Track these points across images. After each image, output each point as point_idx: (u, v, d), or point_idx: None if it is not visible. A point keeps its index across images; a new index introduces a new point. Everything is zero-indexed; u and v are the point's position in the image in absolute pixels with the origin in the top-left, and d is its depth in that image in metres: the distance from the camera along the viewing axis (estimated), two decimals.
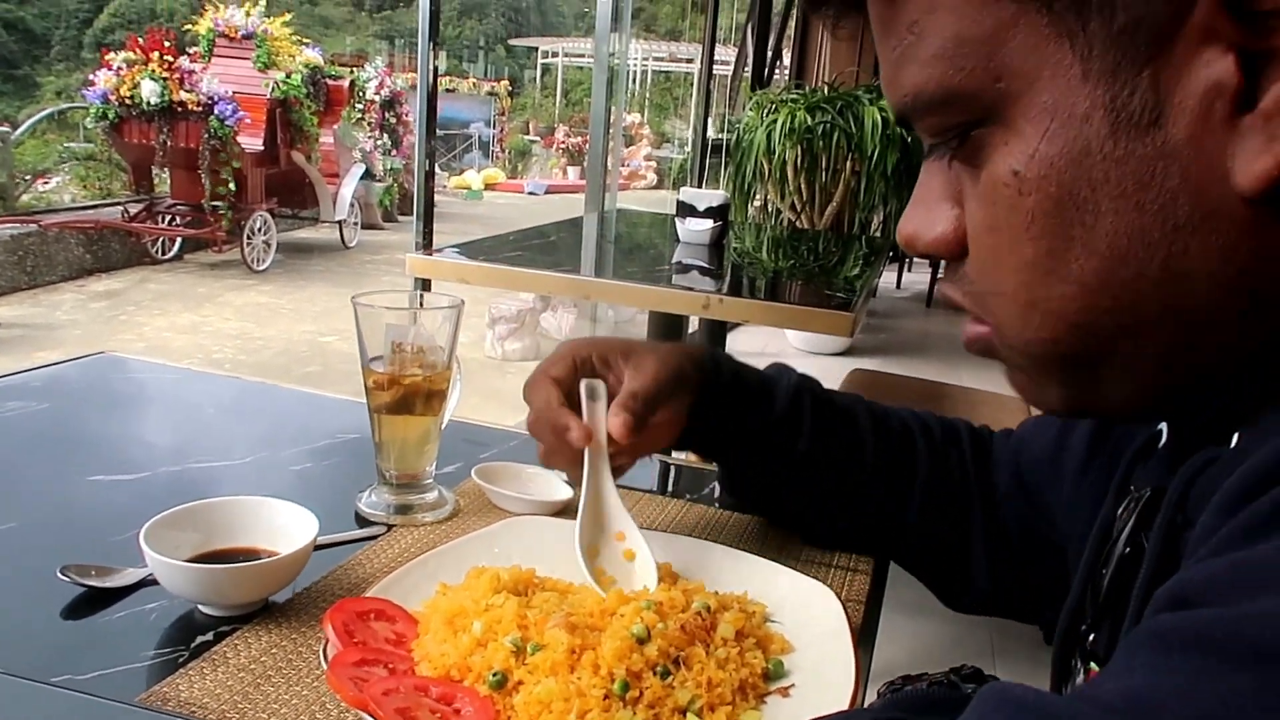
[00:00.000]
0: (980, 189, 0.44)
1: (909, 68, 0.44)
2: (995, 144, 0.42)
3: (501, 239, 2.67)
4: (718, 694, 0.59)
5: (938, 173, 0.47)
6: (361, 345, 0.87)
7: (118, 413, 1.13)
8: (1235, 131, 0.37)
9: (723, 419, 0.83)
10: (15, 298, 7.07)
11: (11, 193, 8.24)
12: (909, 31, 0.44)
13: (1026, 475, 0.79)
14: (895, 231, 1.66)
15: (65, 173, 9.38)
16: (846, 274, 2.69)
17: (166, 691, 0.60)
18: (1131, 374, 0.44)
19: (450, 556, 0.75)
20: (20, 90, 23.93)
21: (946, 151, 0.46)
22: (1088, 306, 0.42)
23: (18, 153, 8.59)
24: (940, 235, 0.47)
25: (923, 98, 0.44)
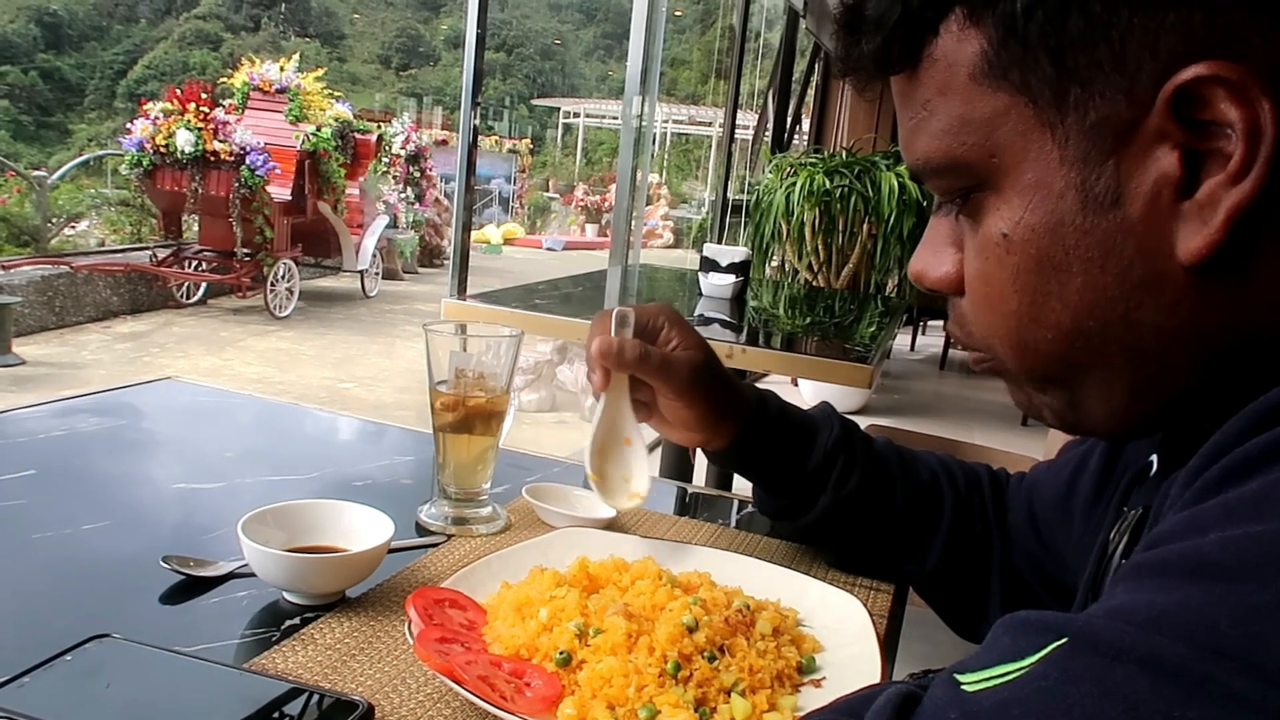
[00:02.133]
0: (976, 243, 0.53)
1: (921, 137, 0.54)
2: (989, 207, 0.52)
3: (529, 289, 2.77)
4: (758, 679, 0.66)
5: (945, 221, 0.57)
6: (430, 369, 0.95)
7: (188, 430, 1.21)
8: (1177, 215, 0.46)
9: (761, 455, 0.90)
10: (43, 337, 7.22)
11: (44, 235, 8.45)
12: (923, 108, 0.53)
13: (1039, 517, 0.86)
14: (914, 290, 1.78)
15: (96, 217, 9.61)
16: (863, 331, 2.78)
17: (264, 663, 0.68)
18: (1107, 398, 0.52)
19: (511, 559, 0.83)
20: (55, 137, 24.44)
21: (953, 207, 0.56)
22: (1065, 346, 0.51)
23: (52, 197, 8.83)
24: (944, 274, 0.57)
25: (931, 163, 0.54)
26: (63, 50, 32.05)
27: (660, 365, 0.85)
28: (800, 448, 0.90)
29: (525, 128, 26.29)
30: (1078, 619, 0.36)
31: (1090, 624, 0.35)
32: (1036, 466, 0.90)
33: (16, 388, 5.77)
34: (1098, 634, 0.34)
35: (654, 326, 0.88)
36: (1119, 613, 0.35)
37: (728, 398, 0.88)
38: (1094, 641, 0.34)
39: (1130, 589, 0.36)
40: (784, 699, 0.66)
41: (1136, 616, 0.34)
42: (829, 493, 0.89)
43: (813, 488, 0.89)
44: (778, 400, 0.92)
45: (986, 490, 0.91)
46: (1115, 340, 0.49)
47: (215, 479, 1.02)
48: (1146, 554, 0.38)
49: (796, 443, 0.90)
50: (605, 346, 0.84)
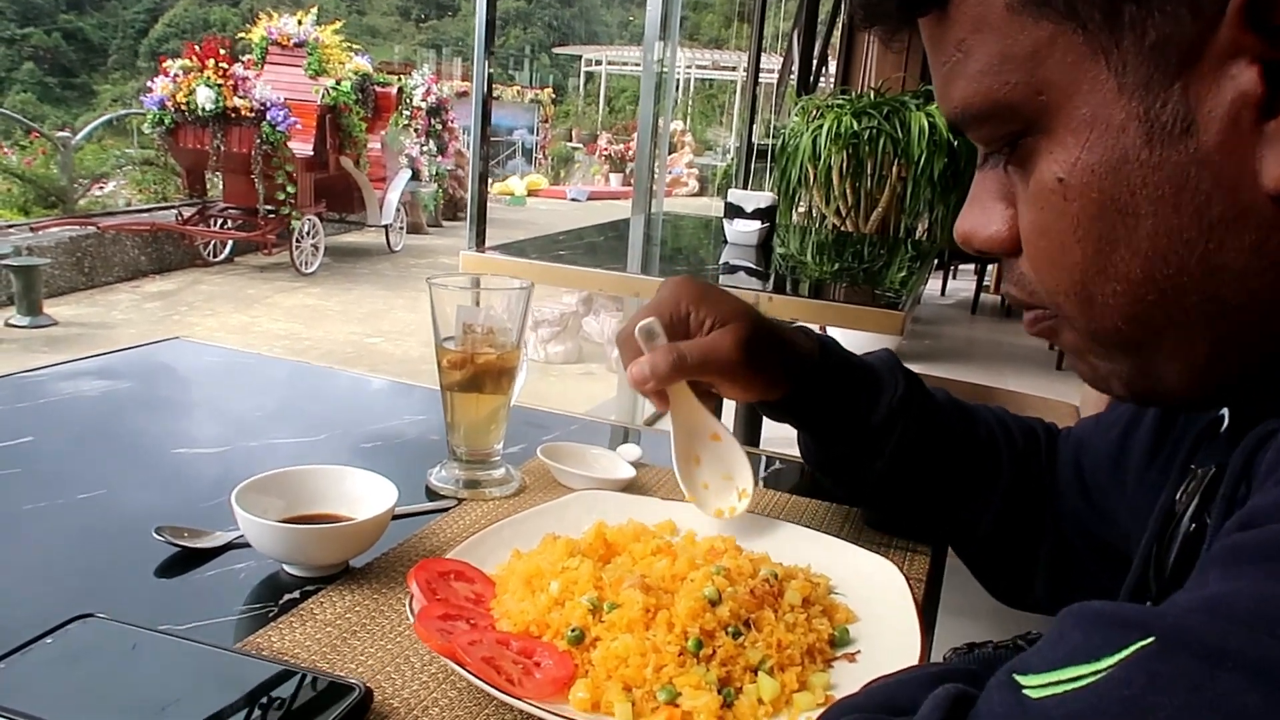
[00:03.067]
0: (1029, 194, 0.47)
1: (958, 82, 0.47)
2: (1041, 151, 0.45)
3: (549, 239, 2.71)
4: (787, 655, 0.61)
5: (992, 175, 0.50)
6: (435, 326, 0.90)
7: (194, 392, 1.17)
8: (1261, 137, 0.39)
9: (820, 407, 0.84)
10: (73, 298, 7.26)
11: (71, 196, 8.48)
12: (957, 49, 0.47)
13: (1089, 478, 0.79)
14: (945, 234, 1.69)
15: (122, 177, 9.62)
16: (894, 276, 2.70)
17: (259, 642, 0.64)
18: (1185, 359, 0.46)
19: (523, 526, 0.78)
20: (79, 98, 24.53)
21: (999, 158, 0.49)
22: (1136, 300, 0.44)
23: (77, 157, 8.84)
24: (995, 234, 0.50)
25: (971, 110, 0.47)
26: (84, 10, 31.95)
27: (700, 362, 0.77)
28: (862, 402, 0.83)
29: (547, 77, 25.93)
30: (1166, 613, 0.30)
31: (1183, 621, 0.30)
32: (1084, 422, 0.84)
33: (49, 348, 5.81)
34: (1193, 633, 0.29)
35: (679, 315, 0.80)
36: (1217, 606, 0.29)
37: (784, 356, 0.81)
38: (1188, 642, 0.29)
39: (1228, 576, 0.31)
40: (815, 676, 0.61)
41: (1240, 611, 0.29)
42: (886, 456, 0.82)
43: (870, 448, 0.83)
44: (839, 349, 0.86)
45: (1043, 449, 0.85)
46: (1193, 289, 0.43)
47: (218, 443, 0.98)
48: (1244, 535, 0.32)
49: (858, 396, 0.83)
50: (639, 375, 0.77)
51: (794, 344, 0.82)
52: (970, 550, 0.85)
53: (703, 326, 0.79)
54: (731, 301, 0.81)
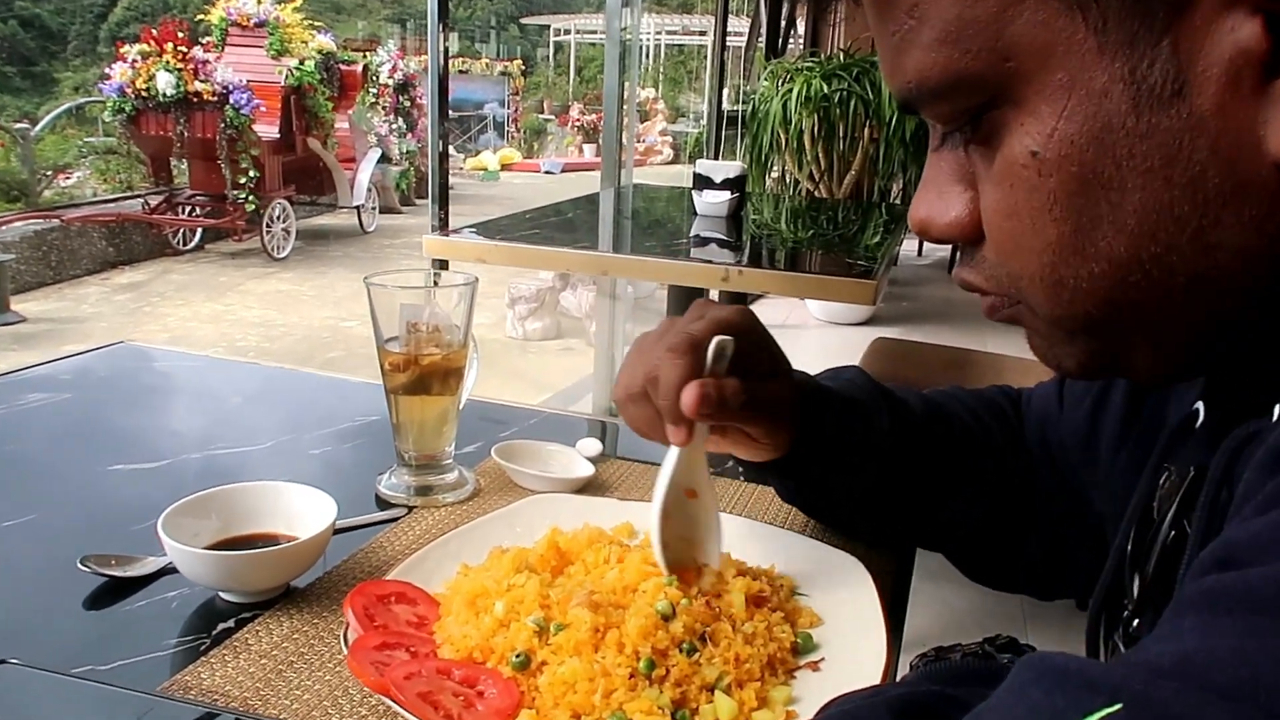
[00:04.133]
0: (995, 172, 0.42)
1: (911, 53, 0.42)
2: (1010, 125, 0.40)
3: (518, 218, 2.66)
4: (746, 670, 0.58)
5: (949, 156, 0.46)
6: (376, 327, 0.86)
7: (139, 402, 1.13)
8: (1265, 98, 0.35)
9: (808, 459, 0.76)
10: (41, 293, 7.14)
11: (34, 188, 8.31)
12: (909, 16, 0.42)
13: (1056, 454, 0.76)
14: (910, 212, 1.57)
15: (86, 167, 9.44)
16: (867, 242, 2.66)
17: (188, 680, 0.60)
18: (1160, 341, 0.42)
19: (471, 537, 0.74)
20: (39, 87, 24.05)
21: (959, 138, 0.44)
22: (1117, 283, 0.40)
23: (38, 149, 8.66)
24: (954, 220, 0.46)
25: (928, 84, 0.42)
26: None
27: (755, 414, 0.68)
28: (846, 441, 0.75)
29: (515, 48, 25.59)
30: (1135, 675, 0.27)
31: (1154, 689, 0.26)
32: (1042, 391, 0.80)
33: (19, 345, 5.71)
34: (1164, 705, 0.25)
35: (748, 350, 0.68)
36: (1191, 670, 0.26)
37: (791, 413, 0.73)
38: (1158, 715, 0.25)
39: (1204, 629, 0.27)
40: (775, 690, 0.58)
41: (1217, 678, 0.25)
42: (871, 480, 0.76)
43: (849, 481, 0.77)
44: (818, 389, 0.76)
45: (1014, 425, 0.81)
46: (1182, 269, 0.38)
47: (157, 457, 0.94)
48: (1223, 578, 0.29)
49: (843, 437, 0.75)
50: (705, 396, 0.63)
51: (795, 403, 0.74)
52: (959, 544, 0.82)
53: (758, 370, 0.69)
54: (780, 353, 0.73)
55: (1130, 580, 0.52)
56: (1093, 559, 0.73)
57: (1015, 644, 0.55)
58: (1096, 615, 0.56)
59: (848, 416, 0.76)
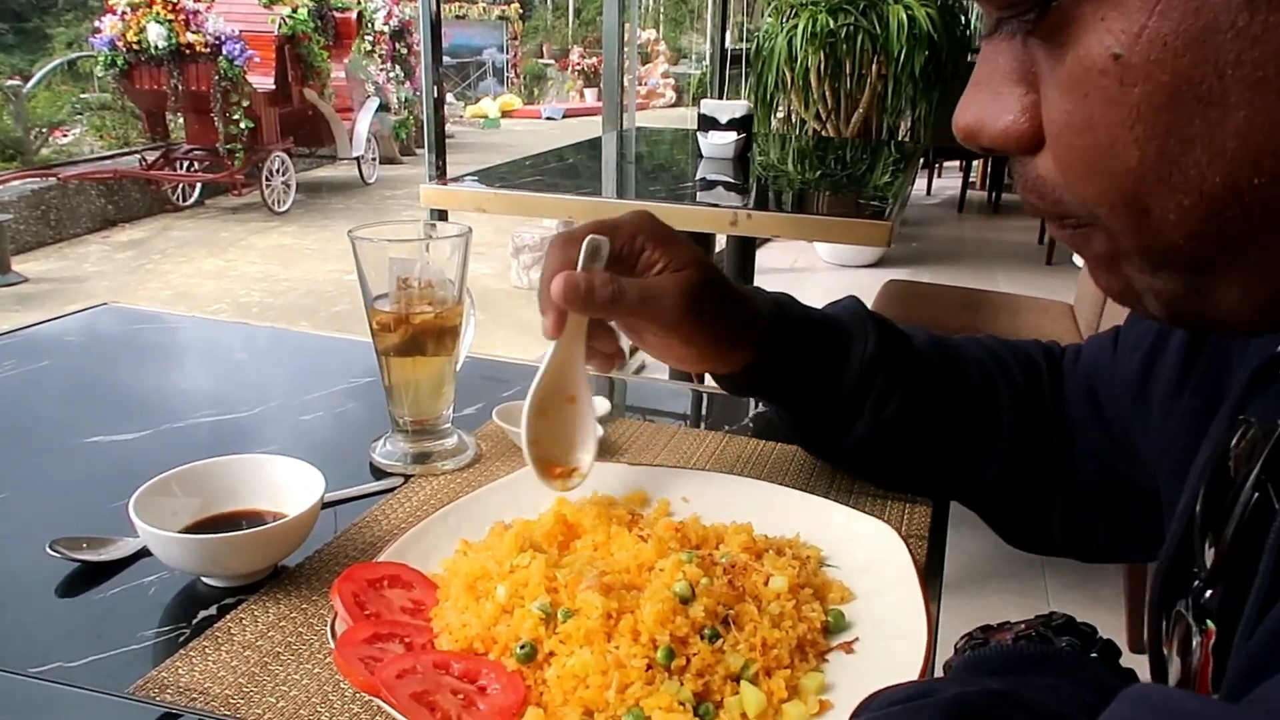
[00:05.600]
0: (1065, 76, 0.35)
1: None
2: (1087, 19, 0.33)
3: (518, 164, 2.57)
4: (774, 656, 0.53)
5: (1005, 47, 0.38)
6: (364, 283, 0.80)
7: (120, 368, 1.07)
8: None
9: (785, 377, 0.74)
10: (41, 252, 7.07)
11: (29, 146, 8.20)
12: None
13: (1106, 408, 0.70)
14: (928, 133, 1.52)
15: (82, 124, 9.31)
16: (878, 182, 2.57)
17: (164, 676, 0.55)
18: (1256, 284, 0.36)
19: (471, 509, 0.69)
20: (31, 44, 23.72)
21: (1019, 26, 0.37)
22: (1210, 214, 0.34)
23: (31, 106, 8.51)
24: (1009, 127, 0.38)
25: None
26: None
27: (640, 301, 0.67)
28: (832, 364, 0.73)
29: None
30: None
31: None
32: (1094, 341, 0.74)
33: (21, 306, 5.66)
34: None
35: (632, 248, 0.69)
36: None
37: (736, 318, 0.71)
38: None
39: None
40: (807, 678, 0.53)
41: None
42: (867, 417, 0.73)
43: (846, 412, 0.73)
44: (799, 306, 0.75)
45: (1045, 380, 0.76)
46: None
47: (138, 427, 0.88)
48: None
49: (826, 358, 0.73)
50: (571, 287, 0.65)
51: (750, 303, 0.72)
52: (979, 501, 0.77)
53: (652, 268, 0.69)
54: (691, 250, 0.71)
55: (1202, 545, 0.46)
56: (1145, 520, 0.68)
57: (1073, 624, 0.50)
58: (1161, 582, 0.51)
59: (825, 331, 0.74)
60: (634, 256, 0.69)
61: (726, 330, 0.70)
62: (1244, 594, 0.40)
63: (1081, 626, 0.50)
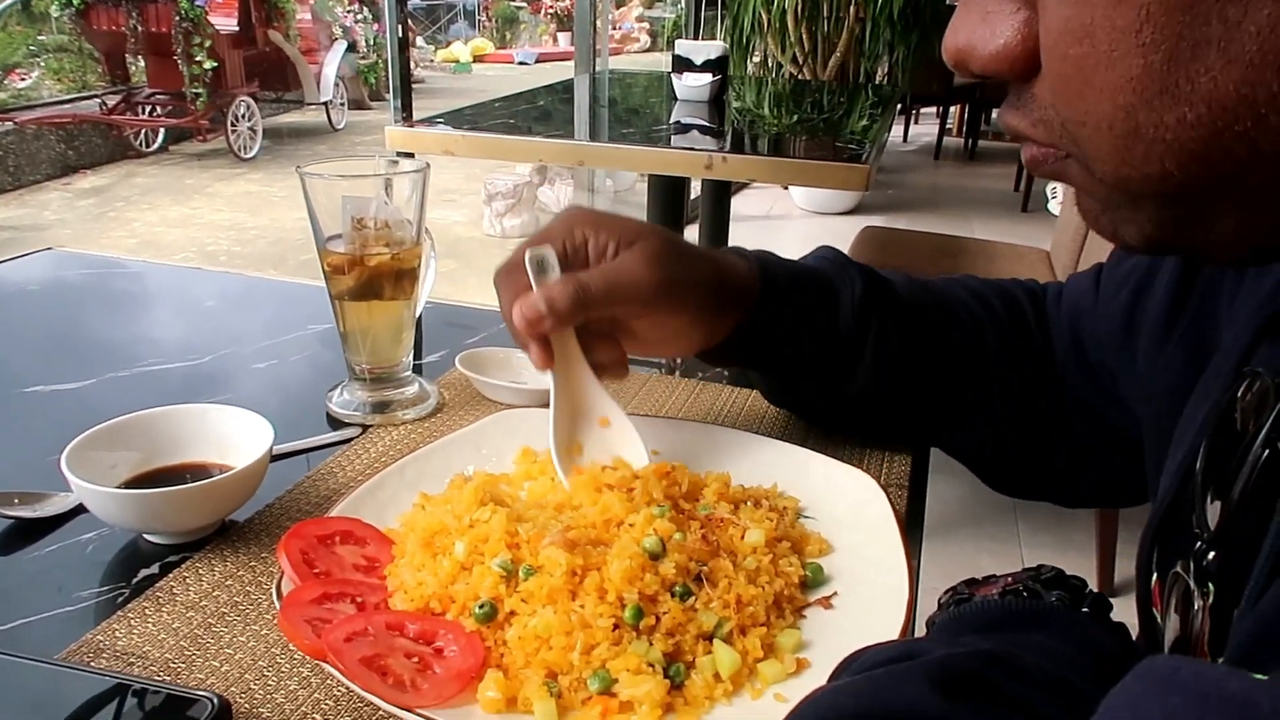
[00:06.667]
0: None
1: None
2: None
3: (487, 106, 2.50)
4: (749, 614, 0.50)
5: None
6: (315, 224, 0.75)
7: (63, 315, 1.02)
8: None
9: (773, 337, 0.69)
10: (1, 199, 6.89)
11: None
12: None
13: (1089, 352, 0.67)
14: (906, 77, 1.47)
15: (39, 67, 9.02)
16: (855, 126, 2.53)
17: (101, 640, 0.51)
18: (1256, 210, 0.33)
19: (431, 461, 0.65)
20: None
21: None
22: (1215, 132, 0.30)
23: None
24: (1003, 47, 0.35)
25: None
26: None
27: (608, 287, 0.62)
28: (824, 314, 0.69)
29: None
30: None
31: None
32: (1076, 280, 0.71)
33: None
34: None
35: (575, 243, 0.64)
36: None
37: (714, 277, 0.66)
38: None
39: None
40: (783, 635, 0.50)
41: None
42: (867, 365, 0.68)
43: (846, 362, 0.69)
44: (780, 261, 0.71)
45: (1030, 319, 0.73)
46: None
47: (81, 376, 0.84)
48: None
49: (817, 308, 0.69)
50: (532, 309, 0.60)
51: (726, 264, 0.67)
52: (962, 447, 0.74)
53: (605, 253, 0.64)
54: (636, 222, 0.66)
55: (1203, 504, 0.43)
56: (1126, 466, 0.66)
57: (1063, 578, 0.47)
58: (1151, 540, 0.48)
59: (811, 283, 0.69)
60: (581, 251, 0.64)
61: (708, 294, 0.65)
62: (1249, 554, 0.37)
63: (1072, 580, 0.48)
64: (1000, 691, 0.35)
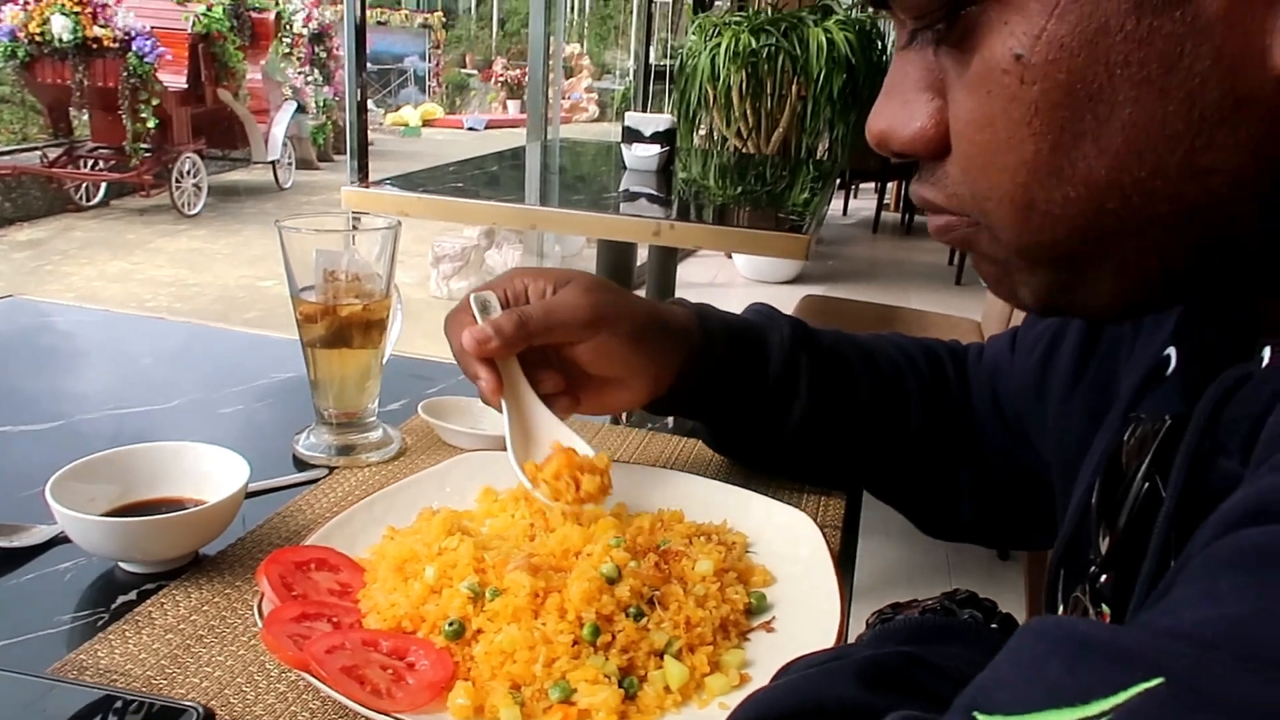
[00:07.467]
0: (971, 78, 0.38)
1: None
2: (992, 24, 0.36)
3: (440, 170, 2.56)
4: (697, 634, 0.55)
5: (916, 59, 0.41)
6: (290, 275, 0.79)
7: (30, 359, 1.04)
8: (1275, 5, 0.32)
9: (713, 382, 0.75)
10: None
11: None
12: None
13: (1005, 406, 0.74)
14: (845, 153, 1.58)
15: None
16: (796, 199, 2.64)
17: (83, 659, 0.54)
18: (1126, 275, 0.39)
19: (398, 498, 0.69)
20: None
21: (930, 37, 0.40)
22: (1091, 208, 0.37)
23: None
24: (919, 131, 0.41)
25: None
26: None
27: (546, 314, 0.68)
28: (756, 356, 0.75)
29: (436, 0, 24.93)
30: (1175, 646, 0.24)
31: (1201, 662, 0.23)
32: (995, 342, 0.79)
33: None
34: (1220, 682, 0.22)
35: (516, 293, 0.72)
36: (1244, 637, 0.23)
37: (653, 314, 0.72)
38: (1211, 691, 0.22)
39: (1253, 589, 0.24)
40: (729, 654, 0.55)
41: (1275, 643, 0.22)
42: (803, 398, 0.75)
43: (779, 404, 0.75)
44: (716, 311, 0.77)
45: (950, 374, 0.80)
46: (1166, 195, 0.35)
47: (49, 418, 0.86)
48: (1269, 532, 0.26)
49: (751, 350, 0.75)
50: (480, 332, 0.67)
51: (666, 311, 0.74)
52: (890, 490, 0.80)
53: (543, 295, 0.71)
54: (572, 270, 0.73)
55: (1097, 534, 0.49)
56: (1037, 511, 0.72)
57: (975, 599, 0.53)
58: (1056, 569, 0.54)
59: (741, 329, 0.76)
60: (522, 296, 0.71)
61: (643, 323, 0.71)
62: (1135, 577, 0.43)
63: (983, 601, 0.53)
64: (919, 684, 0.40)
